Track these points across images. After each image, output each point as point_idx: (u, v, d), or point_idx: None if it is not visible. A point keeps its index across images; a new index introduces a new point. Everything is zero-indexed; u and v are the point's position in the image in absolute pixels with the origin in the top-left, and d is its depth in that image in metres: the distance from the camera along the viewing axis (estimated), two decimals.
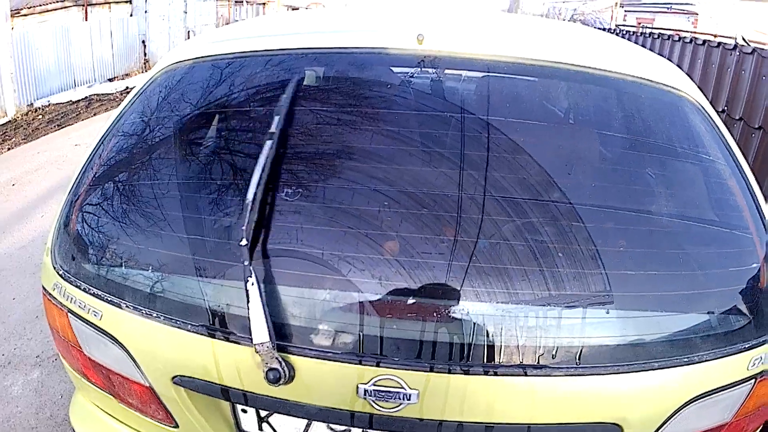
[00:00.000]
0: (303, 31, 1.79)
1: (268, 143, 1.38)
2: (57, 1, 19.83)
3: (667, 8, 26.33)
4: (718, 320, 1.37)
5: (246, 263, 1.25)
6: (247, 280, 1.25)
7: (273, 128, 1.43)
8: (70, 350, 1.60)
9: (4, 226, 5.90)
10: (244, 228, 1.27)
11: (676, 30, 18.50)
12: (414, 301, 1.30)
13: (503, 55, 1.53)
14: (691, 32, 18.86)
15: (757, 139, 5.06)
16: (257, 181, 1.31)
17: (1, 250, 5.30)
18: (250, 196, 1.30)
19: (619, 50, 1.90)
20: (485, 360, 1.28)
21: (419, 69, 1.53)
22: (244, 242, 1.26)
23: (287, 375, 1.27)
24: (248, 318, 1.24)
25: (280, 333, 1.30)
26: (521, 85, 1.53)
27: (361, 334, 1.30)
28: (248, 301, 1.24)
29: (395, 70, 1.56)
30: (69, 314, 1.53)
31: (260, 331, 1.23)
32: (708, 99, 5.75)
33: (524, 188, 1.38)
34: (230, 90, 1.59)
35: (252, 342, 1.24)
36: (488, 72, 1.52)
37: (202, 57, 1.70)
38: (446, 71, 1.54)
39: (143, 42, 19.50)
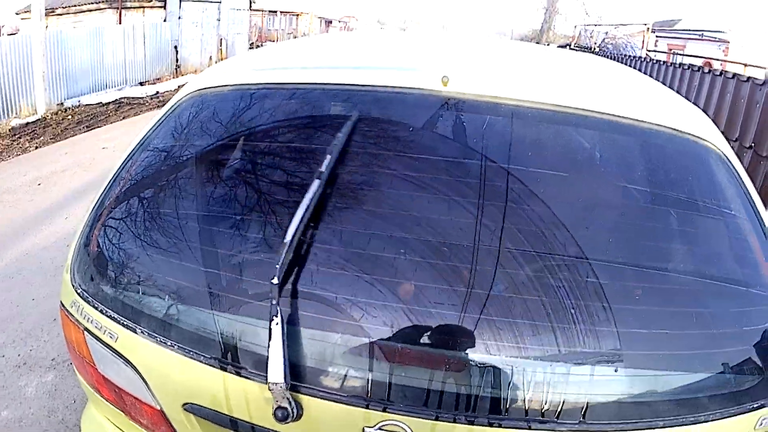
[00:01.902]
0: (330, 64, 1.79)
1: (316, 183, 1.38)
2: (92, 3, 20.18)
3: (699, 35, 26.18)
4: (727, 379, 1.35)
5: (275, 302, 1.25)
6: (273, 319, 1.24)
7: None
8: (85, 366, 1.62)
9: (28, 226, 5.97)
10: (278, 266, 1.26)
11: (706, 59, 18.40)
12: (424, 349, 1.30)
13: (528, 100, 1.51)
14: (722, 60, 18.74)
15: None
16: (299, 222, 1.31)
17: (24, 250, 5.36)
18: (289, 236, 1.29)
19: (645, 93, 1.88)
20: (490, 411, 1.28)
21: (443, 111, 1.52)
22: (275, 281, 1.25)
23: (295, 414, 1.28)
24: (267, 356, 1.24)
25: (292, 372, 1.30)
26: (545, 132, 1.52)
27: (370, 378, 1.30)
28: (270, 339, 1.24)
29: (419, 111, 1.55)
30: (85, 332, 1.55)
31: (277, 370, 1.22)
32: (736, 134, 5.72)
33: (540, 241, 1.37)
34: (255, 122, 1.60)
35: (266, 380, 1.24)
36: (512, 117, 1.51)
37: (229, 86, 1.71)
38: (470, 114, 1.52)
39: (175, 47, 19.71)
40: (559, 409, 1.27)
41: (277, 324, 1.24)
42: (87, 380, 1.65)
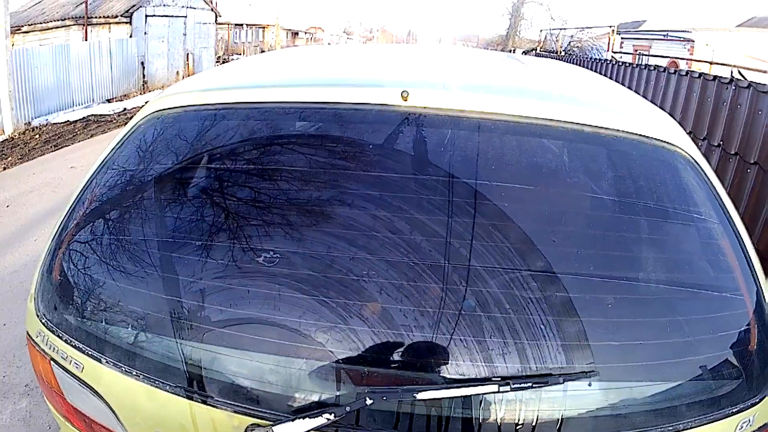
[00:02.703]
0: (289, 82, 1.77)
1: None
2: (58, 20, 19.99)
3: (664, 36, 26.52)
4: (705, 385, 1.35)
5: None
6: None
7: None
8: (54, 395, 1.58)
9: None
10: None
11: (672, 59, 18.65)
12: (393, 371, 1.29)
13: (492, 112, 1.49)
14: (687, 59, 19.01)
15: (752, 174, 5.06)
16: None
17: None
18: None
19: (611, 99, 1.88)
20: None
21: (404, 126, 1.49)
22: None
23: None
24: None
25: (253, 399, 1.30)
26: (510, 143, 1.50)
27: (336, 403, 1.28)
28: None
29: (379, 127, 1.52)
30: (52, 362, 1.52)
31: None
32: (704, 133, 5.78)
33: (509, 256, 1.35)
34: (216, 142, 1.57)
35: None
36: (475, 130, 1.49)
37: (188, 106, 1.67)
38: (432, 129, 1.49)
39: (142, 63, 19.60)
40: (533, 427, 1.26)
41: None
42: (57, 410, 1.63)
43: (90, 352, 1.43)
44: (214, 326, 1.34)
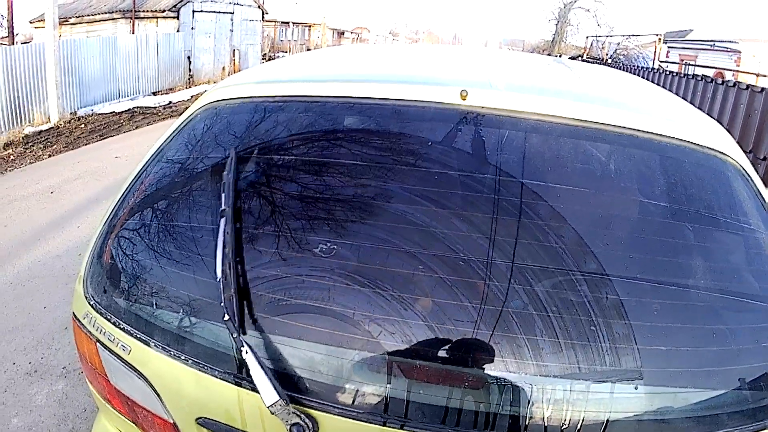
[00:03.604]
0: (346, 77, 1.78)
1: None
2: (105, 12, 20.38)
3: (710, 46, 26.09)
4: (746, 396, 1.33)
5: (234, 335, 1.27)
6: (240, 350, 1.26)
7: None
8: (97, 377, 1.61)
9: (40, 233, 6.02)
10: (223, 304, 1.29)
11: (718, 69, 18.34)
12: (442, 366, 1.29)
13: (546, 114, 1.50)
14: (734, 70, 18.68)
15: None
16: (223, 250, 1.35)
17: (36, 258, 5.40)
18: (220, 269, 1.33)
19: (662, 106, 1.86)
20: (509, 429, 1.26)
21: (461, 125, 1.50)
22: (226, 317, 1.28)
23: (310, 430, 1.27)
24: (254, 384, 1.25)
25: (303, 389, 1.30)
26: (563, 145, 1.50)
27: (387, 395, 1.29)
28: (248, 370, 1.25)
29: (437, 125, 1.54)
30: (98, 344, 1.54)
31: (268, 393, 1.23)
32: (750, 146, 5.68)
33: (559, 257, 1.35)
34: (270, 134, 1.59)
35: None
36: (530, 131, 1.50)
37: (244, 98, 1.70)
38: (488, 128, 1.50)
39: (188, 57, 19.87)
40: (578, 428, 1.26)
41: (247, 352, 1.25)
42: (98, 391, 1.65)
43: (138, 336, 1.46)
44: (266, 314, 1.35)
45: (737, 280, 1.46)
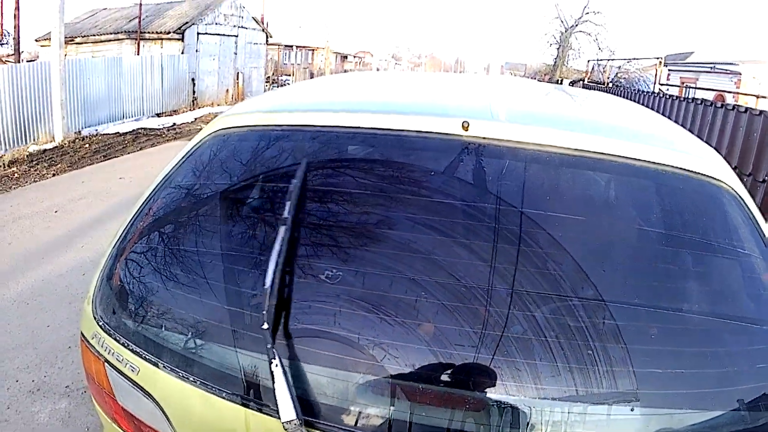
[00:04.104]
0: (351, 107, 1.82)
1: (291, 224, 1.44)
2: (110, 33, 20.54)
3: (711, 68, 26.21)
4: (742, 416, 1.36)
5: (269, 346, 1.30)
6: (271, 362, 1.29)
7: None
8: (104, 396, 1.64)
9: (44, 252, 6.04)
10: (264, 312, 1.32)
11: (719, 92, 18.41)
12: (443, 389, 1.32)
13: (546, 144, 1.54)
14: (734, 92, 18.74)
15: None
16: (275, 265, 1.37)
17: (40, 276, 5.42)
18: (269, 279, 1.35)
19: (657, 133, 1.91)
20: None
21: (463, 156, 1.54)
22: (265, 326, 1.31)
23: None
24: (275, 397, 1.28)
25: (311, 410, 1.33)
26: (562, 175, 1.55)
27: (389, 417, 1.32)
28: (273, 382, 1.28)
29: (439, 155, 1.58)
30: (106, 364, 1.57)
31: (287, 409, 1.26)
32: (749, 168, 5.70)
33: (558, 284, 1.39)
34: (276, 162, 1.64)
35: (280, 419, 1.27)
36: (530, 161, 1.54)
37: (252, 126, 1.75)
38: (489, 159, 1.54)
39: (192, 79, 19.97)
40: None
41: (276, 365, 1.29)
42: (105, 411, 1.67)
43: (147, 357, 1.49)
44: (278, 336, 1.38)
45: (732, 303, 1.50)
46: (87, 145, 12.41)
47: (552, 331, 1.33)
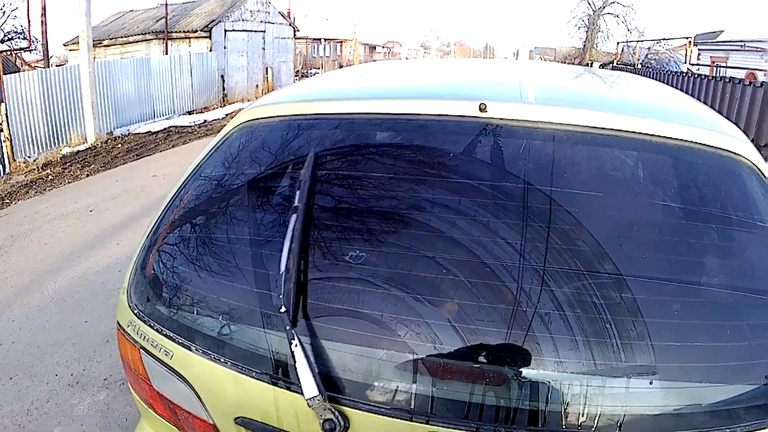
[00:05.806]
0: (374, 94, 1.87)
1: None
2: (138, 34, 20.78)
3: (741, 46, 25.70)
4: (763, 390, 1.36)
5: (288, 327, 1.35)
6: (291, 342, 1.34)
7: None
8: (140, 382, 1.70)
9: (81, 251, 6.17)
10: (282, 296, 1.38)
11: (750, 70, 18.04)
12: (466, 364, 1.35)
13: (566, 124, 1.56)
14: (765, 70, 18.36)
15: None
16: (294, 249, 1.43)
17: (76, 274, 5.55)
18: (283, 264, 1.42)
19: (677, 110, 1.91)
20: (529, 424, 1.31)
21: (482, 136, 1.57)
22: (282, 309, 1.37)
23: (342, 426, 1.34)
24: (297, 377, 1.33)
25: (336, 386, 1.37)
26: (580, 153, 1.56)
27: (413, 392, 1.35)
28: (295, 362, 1.33)
29: (459, 137, 1.61)
30: (141, 350, 1.63)
31: (310, 387, 1.31)
32: None
33: (579, 260, 1.41)
34: (303, 150, 1.67)
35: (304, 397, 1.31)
36: (549, 140, 1.56)
37: (278, 116, 1.80)
38: (508, 138, 1.57)
39: (222, 76, 20.10)
40: (596, 422, 1.30)
41: (296, 346, 1.34)
42: (141, 396, 1.73)
43: (180, 341, 1.54)
44: (299, 317, 1.42)
45: (752, 276, 1.49)
46: (119, 145, 12.59)
47: (572, 306, 1.35)
